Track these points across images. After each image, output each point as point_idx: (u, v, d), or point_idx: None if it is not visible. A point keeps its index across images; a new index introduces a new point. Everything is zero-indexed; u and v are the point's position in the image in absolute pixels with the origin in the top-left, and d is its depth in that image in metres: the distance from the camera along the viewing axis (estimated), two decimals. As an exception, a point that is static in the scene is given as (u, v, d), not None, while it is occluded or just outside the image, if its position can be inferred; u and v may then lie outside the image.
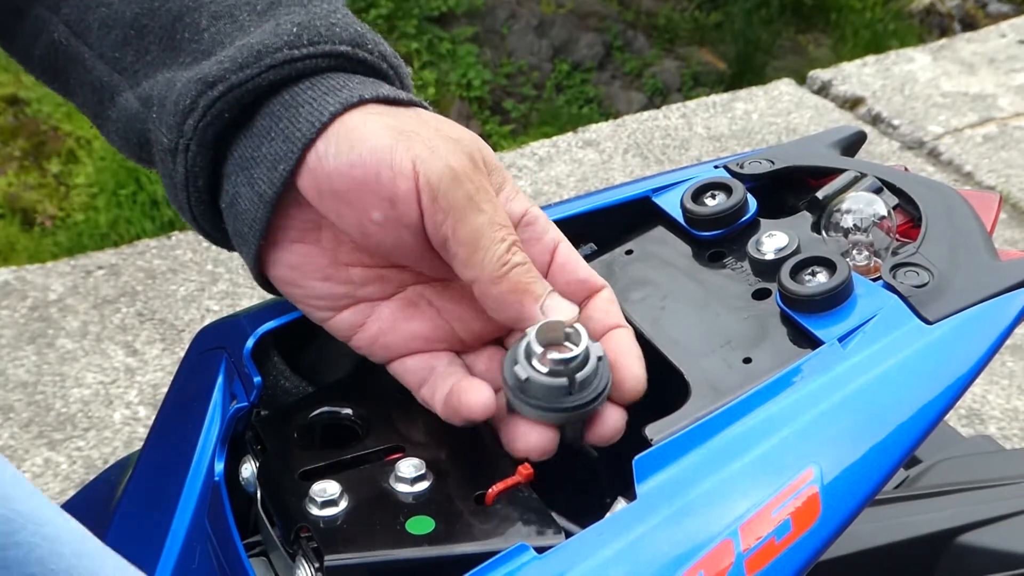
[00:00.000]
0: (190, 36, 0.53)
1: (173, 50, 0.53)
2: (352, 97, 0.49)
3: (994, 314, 0.48)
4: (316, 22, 0.51)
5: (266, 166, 0.50)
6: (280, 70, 0.50)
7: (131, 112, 0.54)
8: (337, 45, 0.51)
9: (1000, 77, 2.75)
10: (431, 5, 3.72)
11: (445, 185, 0.47)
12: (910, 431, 0.45)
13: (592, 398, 0.47)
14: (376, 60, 0.52)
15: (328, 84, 0.50)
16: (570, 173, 2.37)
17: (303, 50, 0.50)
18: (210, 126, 0.50)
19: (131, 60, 0.54)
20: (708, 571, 0.41)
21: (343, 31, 0.52)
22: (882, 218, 0.53)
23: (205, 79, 0.50)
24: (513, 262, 0.48)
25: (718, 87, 3.51)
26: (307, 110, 0.49)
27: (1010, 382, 1.85)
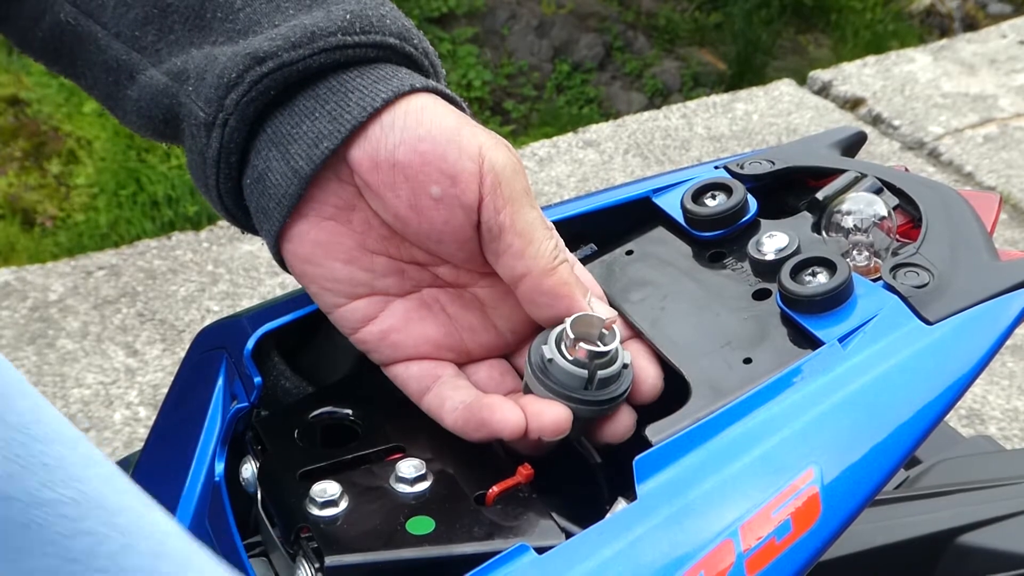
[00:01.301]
0: (223, 15, 0.52)
1: (202, 29, 0.53)
2: (404, 85, 0.50)
3: (994, 314, 0.48)
4: (368, 12, 0.52)
5: (306, 143, 0.50)
6: (332, 54, 0.50)
7: (157, 88, 0.53)
8: (387, 37, 0.52)
9: (1000, 78, 2.75)
10: (431, 6, 3.72)
11: (508, 174, 0.49)
12: (910, 431, 0.45)
13: (607, 399, 0.48)
14: (420, 56, 0.53)
15: (378, 73, 0.51)
16: (570, 173, 2.37)
17: (355, 37, 0.51)
18: (253, 102, 0.51)
19: (152, 39, 0.54)
20: (709, 571, 0.41)
21: (392, 24, 0.52)
22: (882, 218, 0.53)
23: (255, 54, 0.50)
24: (562, 258, 0.50)
25: (718, 87, 3.51)
26: (358, 96, 0.50)
27: (1010, 382, 1.85)
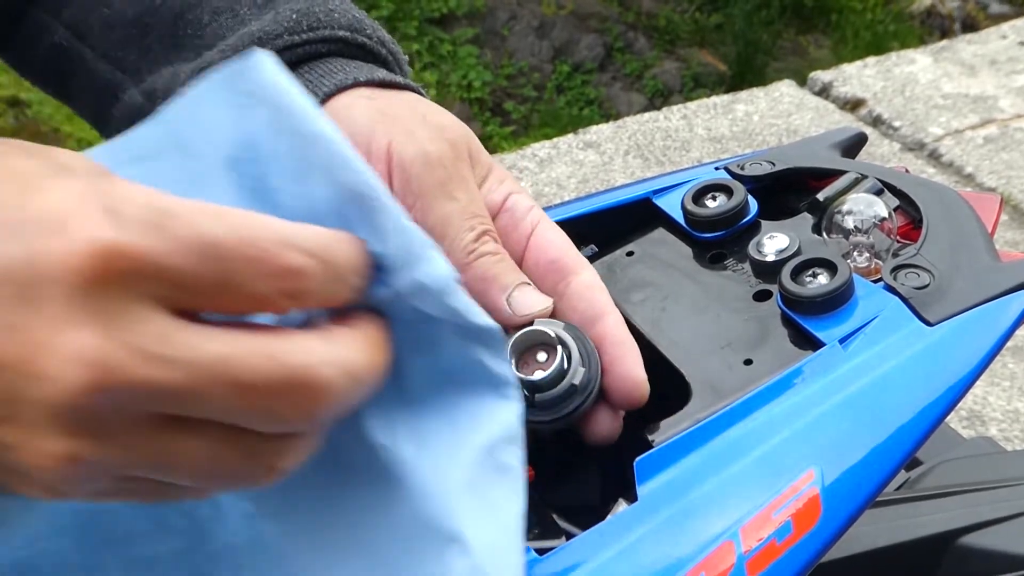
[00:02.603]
0: (192, 32, 0.53)
1: (176, 46, 0.54)
2: (347, 79, 0.50)
3: (995, 316, 0.48)
4: (315, 8, 0.52)
5: None
6: (281, 56, 0.50)
7: (135, 107, 0.54)
8: (336, 30, 0.51)
9: (1001, 78, 2.75)
10: (432, 7, 3.72)
11: (417, 169, 0.46)
12: (911, 433, 0.45)
13: (557, 416, 0.46)
14: (375, 45, 0.53)
15: (325, 68, 0.51)
16: (571, 175, 2.37)
17: (302, 36, 0.51)
18: None
19: (134, 59, 0.55)
20: (709, 573, 0.41)
21: (341, 17, 0.52)
22: (883, 220, 0.53)
23: (207, 68, 0.51)
24: (480, 251, 0.46)
25: (719, 88, 3.51)
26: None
27: (1011, 384, 1.85)
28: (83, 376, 0.30)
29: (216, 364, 0.31)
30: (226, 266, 0.32)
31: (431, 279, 0.37)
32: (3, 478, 0.33)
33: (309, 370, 0.33)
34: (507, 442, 0.39)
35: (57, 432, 0.31)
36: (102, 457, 0.31)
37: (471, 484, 0.38)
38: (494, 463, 0.39)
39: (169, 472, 0.33)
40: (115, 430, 0.31)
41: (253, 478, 0.34)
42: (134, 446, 0.32)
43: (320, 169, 0.36)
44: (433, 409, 0.40)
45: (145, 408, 0.31)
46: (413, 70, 3.52)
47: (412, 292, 0.37)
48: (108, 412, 0.31)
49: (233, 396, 0.32)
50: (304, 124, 0.36)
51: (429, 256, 0.37)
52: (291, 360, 0.33)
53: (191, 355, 0.31)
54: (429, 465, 0.39)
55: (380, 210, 0.36)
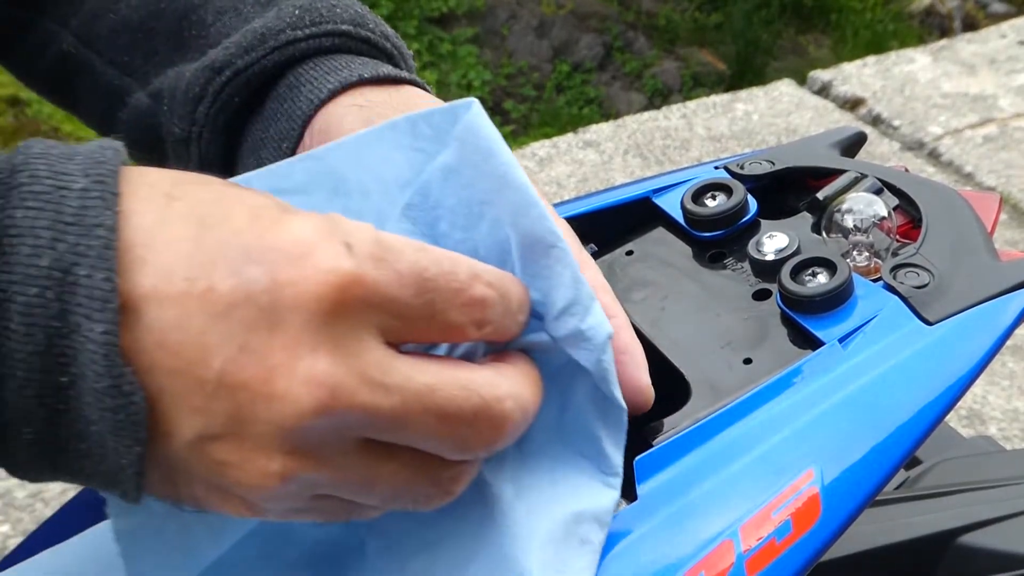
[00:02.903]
0: (196, 32, 0.53)
1: (180, 48, 0.54)
2: (351, 76, 0.50)
3: (994, 315, 0.48)
4: (317, 4, 0.52)
5: (273, 146, 0.50)
6: (284, 51, 0.50)
7: (141, 109, 0.54)
8: (339, 24, 0.52)
9: (1000, 78, 2.75)
10: (431, 6, 3.72)
11: None
12: (911, 432, 0.45)
13: None
14: (379, 39, 0.53)
15: (330, 64, 0.51)
16: (570, 174, 2.37)
17: (305, 30, 0.51)
18: (221, 112, 0.51)
19: (140, 62, 0.55)
20: (709, 572, 0.41)
21: (344, 12, 0.52)
22: (882, 219, 0.53)
23: (212, 66, 0.51)
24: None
25: (718, 88, 3.51)
26: (307, 89, 0.50)
27: (1011, 383, 1.85)
28: (315, 399, 0.32)
29: (424, 394, 0.34)
30: (433, 297, 0.35)
31: (592, 332, 0.40)
32: (205, 496, 0.34)
33: (498, 403, 0.36)
34: (595, 520, 0.41)
35: (279, 452, 0.33)
36: (313, 478, 0.34)
37: (553, 541, 0.40)
38: (579, 534, 0.40)
39: (365, 493, 0.35)
40: (329, 453, 0.33)
41: (429, 501, 0.37)
42: (342, 468, 0.34)
43: (507, 213, 0.39)
44: (540, 462, 0.42)
45: (357, 433, 0.34)
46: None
47: (571, 339, 0.40)
48: (327, 435, 0.33)
49: (434, 423, 0.34)
50: (500, 168, 0.39)
51: (595, 310, 0.40)
52: (484, 392, 0.36)
53: (405, 384, 0.34)
54: (522, 511, 0.41)
55: (561, 258, 0.39)
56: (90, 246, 0.31)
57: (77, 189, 0.32)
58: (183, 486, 0.34)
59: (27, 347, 0.31)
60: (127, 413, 0.32)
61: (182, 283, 0.32)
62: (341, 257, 0.33)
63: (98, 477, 0.33)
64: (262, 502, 0.34)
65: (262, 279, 0.32)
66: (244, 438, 0.33)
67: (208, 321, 0.32)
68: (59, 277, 0.31)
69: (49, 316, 0.31)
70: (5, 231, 0.31)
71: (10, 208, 0.31)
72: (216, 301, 0.32)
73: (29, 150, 0.33)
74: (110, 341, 0.31)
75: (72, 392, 0.32)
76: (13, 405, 0.31)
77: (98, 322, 0.31)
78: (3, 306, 0.31)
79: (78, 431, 0.32)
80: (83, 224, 0.32)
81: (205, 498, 0.35)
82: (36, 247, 0.31)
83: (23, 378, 0.31)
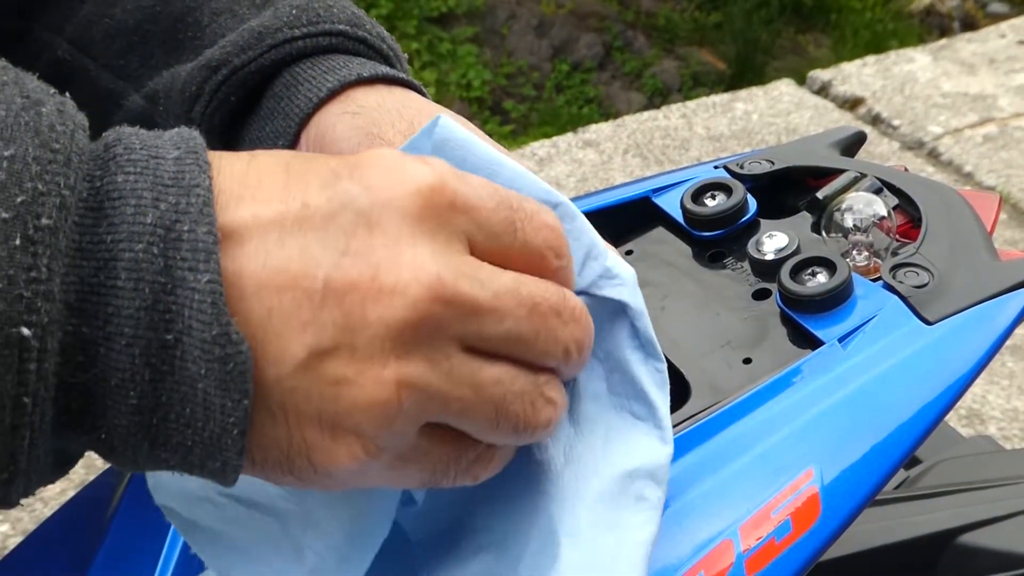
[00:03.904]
0: (192, 34, 0.53)
1: (176, 49, 0.54)
2: (350, 75, 0.50)
3: (994, 314, 0.48)
4: (315, 4, 0.52)
5: (268, 144, 0.51)
6: (281, 49, 0.51)
7: (137, 111, 0.55)
8: (336, 24, 0.52)
9: (1000, 77, 2.75)
10: (431, 5, 3.72)
11: None
12: (910, 431, 0.45)
13: None
14: (375, 40, 0.53)
15: (328, 64, 0.51)
16: (570, 173, 2.37)
17: (303, 29, 0.51)
18: (217, 111, 0.51)
19: (136, 66, 0.55)
20: (708, 571, 0.41)
21: (341, 12, 0.53)
22: (882, 218, 0.53)
23: (209, 64, 0.51)
24: None
25: (718, 87, 3.51)
26: (305, 88, 0.50)
27: (1010, 382, 1.85)
28: (423, 286, 0.33)
29: (512, 288, 0.35)
30: (512, 215, 0.36)
31: (619, 269, 0.41)
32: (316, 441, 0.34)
33: (574, 299, 0.38)
34: (650, 477, 0.41)
35: (390, 357, 0.33)
36: (426, 385, 0.34)
37: (603, 500, 0.40)
38: (633, 491, 0.41)
39: (469, 412, 0.35)
40: (438, 355, 0.34)
41: (533, 420, 0.37)
42: (451, 373, 0.34)
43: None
44: (593, 427, 0.42)
45: (459, 329, 0.34)
46: (412, 69, 3.49)
47: (602, 281, 0.41)
48: (434, 331, 0.34)
49: (526, 314, 0.36)
50: (484, 156, 0.40)
51: (612, 252, 0.42)
52: (561, 290, 0.37)
53: (494, 279, 0.35)
54: (570, 475, 0.41)
55: (568, 212, 0.41)
56: (190, 203, 0.32)
57: (171, 158, 0.34)
58: (294, 430, 0.34)
59: (134, 303, 0.31)
60: (236, 363, 0.32)
61: (279, 205, 0.33)
62: (424, 167, 0.35)
63: (198, 448, 0.33)
64: (376, 430, 0.34)
65: (354, 188, 0.34)
66: (356, 348, 0.33)
67: (308, 234, 0.33)
68: (163, 234, 0.32)
69: (155, 271, 0.32)
70: (107, 195, 0.32)
71: (110, 175, 0.33)
72: (313, 215, 0.33)
73: (119, 130, 0.35)
74: (215, 290, 0.32)
75: (177, 352, 0.32)
76: (119, 366, 0.32)
77: (203, 272, 0.32)
78: (109, 265, 0.31)
79: (182, 394, 0.32)
80: (181, 185, 0.33)
81: (316, 445, 0.34)
82: (139, 206, 0.32)
83: (130, 335, 0.31)
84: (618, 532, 0.39)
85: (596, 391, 0.42)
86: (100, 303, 0.31)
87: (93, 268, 0.32)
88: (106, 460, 0.35)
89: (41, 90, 0.33)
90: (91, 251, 0.32)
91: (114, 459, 0.34)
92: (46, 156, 0.31)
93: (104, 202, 0.32)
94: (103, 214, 0.32)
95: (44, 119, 0.32)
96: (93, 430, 0.33)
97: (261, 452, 0.34)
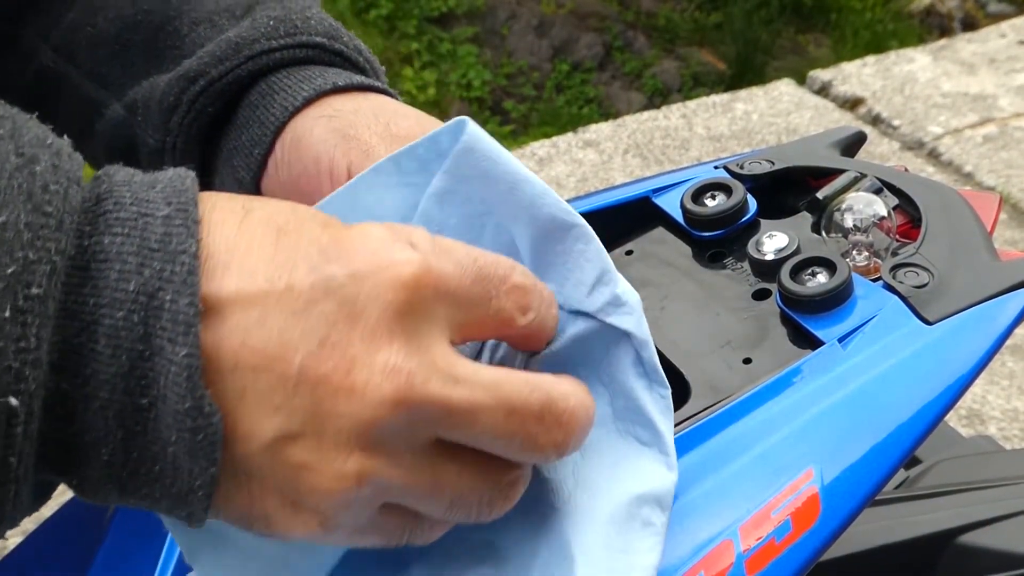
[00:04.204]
0: (171, 44, 0.54)
1: (156, 58, 0.54)
2: (325, 84, 0.50)
3: (994, 314, 0.48)
4: (292, 16, 0.52)
5: (245, 153, 0.51)
6: (258, 60, 0.51)
7: (117, 121, 0.55)
8: (313, 36, 0.52)
9: (1000, 77, 2.75)
10: (431, 5, 3.72)
11: None
12: (910, 431, 0.45)
13: None
14: (352, 52, 0.53)
15: (303, 73, 0.51)
16: (570, 173, 2.37)
17: (279, 41, 0.51)
18: (195, 121, 0.51)
19: (117, 74, 0.55)
20: (708, 571, 0.41)
21: (318, 24, 0.53)
22: (882, 218, 0.53)
23: (186, 75, 0.51)
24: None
25: (718, 87, 3.51)
26: (281, 97, 0.50)
27: (1010, 382, 1.85)
28: (394, 388, 0.33)
29: (492, 387, 0.35)
30: (486, 285, 0.36)
31: (627, 296, 0.41)
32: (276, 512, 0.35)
33: (563, 399, 0.36)
34: (656, 503, 0.41)
35: (356, 450, 0.34)
36: (386, 480, 0.34)
37: (615, 523, 0.41)
38: (640, 516, 0.41)
39: (430, 498, 0.36)
40: (401, 451, 0.34)
41: (491, 508, 0.37)
42: (412, 468, 0.34)
43: (523, 207, 0.41)
44: (600, 454, 0.43)
45: (428, 429, 0.34)
46: (412, 68, 3.48)
47: (610, 307, 0.41)
48: (401, 429, 0.34)
49: (502, 418, 0.35)
50: (509, 168, 0.41)
51: (621, 277, 0.41)
52: (549, 389, 0.36)
53: (474, 377, 0.34)
54: (584, 497, 0.41)
55: (584, 235, 0.41)
56: (175, 272, 0.32)
57: (161, 216, 0.33)
58: (256, 498, 0.35)
59: (111, 368, 0.32)
60: (206, 434, 0.32)
61: (264, 283, 0.33)
62: (411, 251, 0.35)
63: (166, 500, 0.34)
64: (334, 511, 0.35)
65: (340, 274, 0.34)
66: (322, 437, 0.33)
67: (289, 318, 0.33)
68: (144, 301, 0.32)
69: (134, 338, 0.32)
70: (94, 256, 0.32)
71: (98, 235, 0.32)
72: (296, 298, 0.33)
73: (112, 178, 0.34)
74: (192, 364, 0.32)
75: (151, 414, 0.32)
76: (93, 426, 0.32)
77: (181, 345, 0.32)
78: (90, 328, 0.32)
79: (153, 454, 0.33)
80: (167, 251, 0.33)
81: (276, 514, 0.35)
82: (123, 272, 0.32)
83: (105, 399, 0.32)
84: (629, 556, 0.40)
85: (602, 416, 0.43)
86: (80, 364, 0.32)
87: (76, 329, 0.32)
88: (79, 497, 0.35)
89: (37, 141, 0.33)
90: (75, 312, 0.32)
91: (85, 499, 0.35)
92: (39, 221, 0.31)
93: (91, 263, 0.32)
94: (88, 275, 0.32)
95: (38, 179, 0.32)
96: (66, 474, 0.33)
97: (224, 510, 0.35)
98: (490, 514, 0.38)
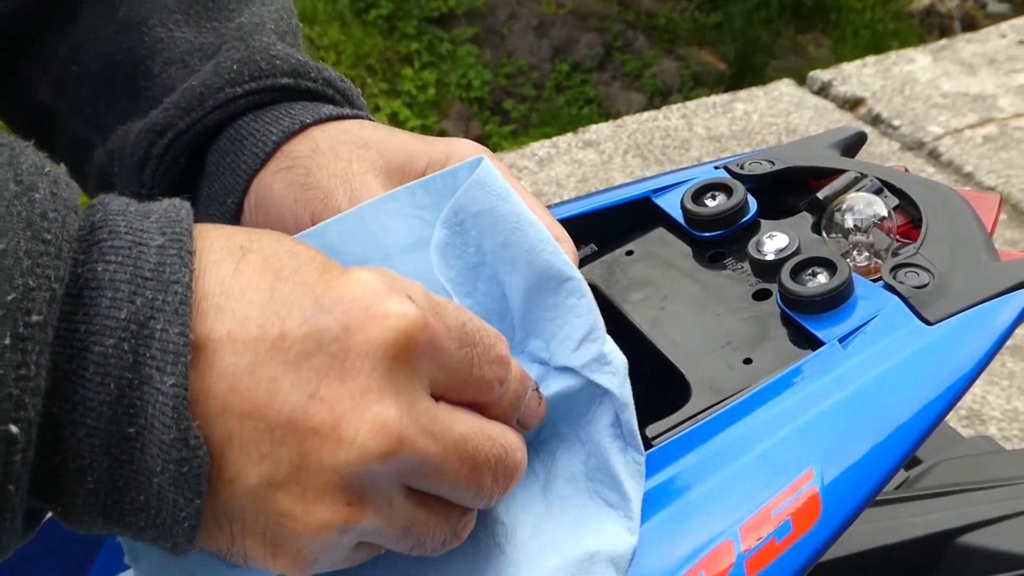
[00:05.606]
0: (145, 84, 0.53)
1: (134, 98, 0.54)
2: (293, 124, 0.50)
3: (994, 315, 0.48)
4: (256, 57, 0.52)
5: (218, 202, 0.51)
6: (224, 109, 0.51)
7: (102, 166, 0.55)
8: (278, 79, 0.51)
9: (1000, 77, 2.75)
10: (431, 5, 3.72)
11: None
12: (910, 432, 0.45)
13: None
14: (320, 87, 0.53)
15: (271, 115, 0.51)
16: (570, 174, 2.37)
17: (245, 87, 0.51)
18: (167, 173, 0.51)
19: (103, 112, 0.55)
20: (709, 572, 0.41)
21: (284, 63, 0.52)
22: (882, 219, 0.53)
23: (153, 128, 0.51)
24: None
25: (718, 87, 3.51)
26: (251, 142, 0.50)
27: (1010, 383, 1.85)
28: (381, 444, 0.33)
29: (459, 442, 0.36)
30: (471, 351, 0.37)
31: (613, 355, 0.42)
32: (256, 551, 0.35)
33: (513, 453, 0.38)
34: (610, 563, 0.41)
35: (339, 500, 0.34)
36: (367, 525, 0.35)
37: (560, 572, 0.41)
38: (592, 572, 0.41)
39: (399, 540, 0.37)
40: (381, 501, 0.35)
41: (444, 546, 0.39)
42: (389, 516, 0.35)
43: (522, 252, 0.41)
44: (566, 509, 0.43)
45: (404, 480, 0.35)
46: (412, 69, 3.47)
47: (595, 364, 0.42)
48: (383, 481, 0.34)
49: (466, 472, 0.36)
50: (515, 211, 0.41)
51: (608, 338, 0.42)
52: (504, 443, 0.38)
53: (446, 433, 0.35)
54: (535, 546, 0.42)
55: (577, 289, 0.41)
56: (166, 301, 0.32)
57: (155, 246, 0.33)
58: (236, 538, 0.35)
59: (99, 396, 0.32)
60: (191, 466, 0.32)
61: (256, 330, 0.33)
62: (407, 304, 0.35)
63: (151, 530, 0.34)
64: (315, 555, 0.35)
65: (334, 327, 0.34)
66: (307, 487, 0.34)
67: (280, 368, 0.33)
68: (135, 330, 0.32)
69: (123, 367, 0.32)
70: (86, 284, 0.32)
71: (91, 262, 0.32)
72: (288, 348, 0.33)
73: (107, 207, 0.34)
74: (179, 394, 0.32)
75: (137, 444, 0.32)
76: (79, 452, 0.32)
77: (169, 375, 0.32)
78: (80, 355, 0.32)
79: (138, 483, 0.33)
80: (160, 280, 0.33)
81: (256, 554, 0.35)
82: (115, 300, 0.32)
83: (92, 426, 0.32)
84: None
85: (573, 473, 0.43)
86: (69, 389, 0.32)
87: (67, 355, 0.32)
88: (63, 525, 0.35)
89: (35, 169, 0.33)
90: (66, 338, 0.32)
91: (70, 526, 0.35)
92: (38, 249, 0.31)
93: (83, 290, 0.32)
94: (81, 302, 0.32)
95: (37, 207, 0.32)
96: (51, 501, 0.34)
97: (206, 544, 0.36)
98: (443, 550, 0.39)
